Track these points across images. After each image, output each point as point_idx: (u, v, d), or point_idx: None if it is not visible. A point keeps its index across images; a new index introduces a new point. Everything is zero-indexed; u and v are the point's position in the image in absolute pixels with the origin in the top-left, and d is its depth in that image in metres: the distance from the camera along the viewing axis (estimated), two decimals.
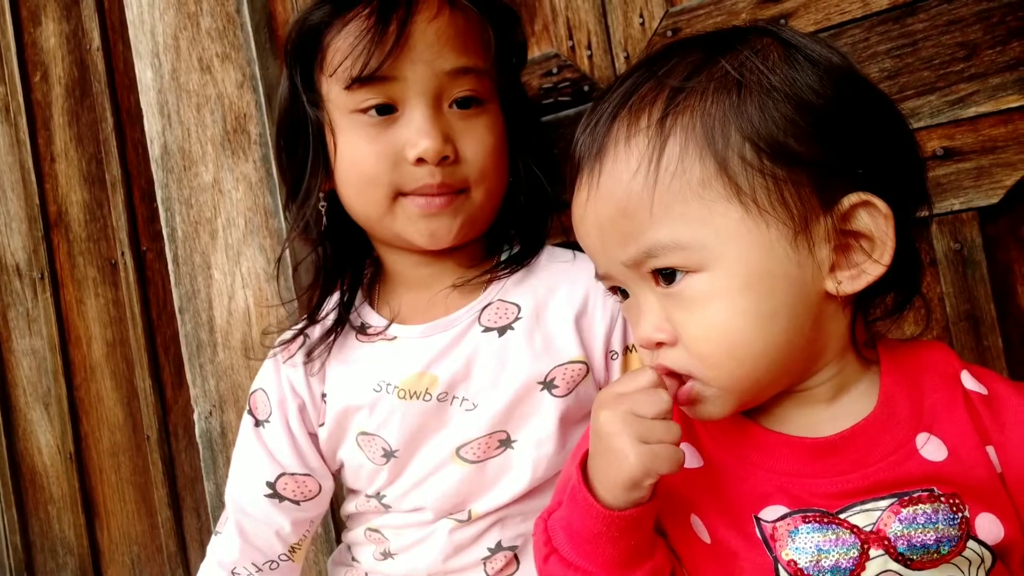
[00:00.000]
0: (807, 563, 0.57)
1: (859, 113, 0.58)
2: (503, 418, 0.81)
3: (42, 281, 1.82)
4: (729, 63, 0.58)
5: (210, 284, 1.34)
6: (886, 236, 0.56)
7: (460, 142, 0.80)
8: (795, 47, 0.59)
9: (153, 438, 1.66)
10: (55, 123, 1.78)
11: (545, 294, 0.84)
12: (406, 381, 0.83)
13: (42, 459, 1.87)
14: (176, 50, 1.35)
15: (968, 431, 0.58)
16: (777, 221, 0.56)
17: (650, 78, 0.60)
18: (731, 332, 0.57)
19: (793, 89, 0.56)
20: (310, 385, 0.88)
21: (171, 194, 1.37)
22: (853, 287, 0.57)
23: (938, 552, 0.55)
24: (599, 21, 1.05)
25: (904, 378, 0.61)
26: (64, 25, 1.74)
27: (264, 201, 1.28)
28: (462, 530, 0.83)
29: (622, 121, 0.59)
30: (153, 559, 1.70)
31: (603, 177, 0.60)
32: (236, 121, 1.31)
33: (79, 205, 1.76)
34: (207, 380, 1.35)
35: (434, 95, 0.79)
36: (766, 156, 0.55)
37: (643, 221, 0.58)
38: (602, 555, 0.59)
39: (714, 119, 0.56)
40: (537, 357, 0.81)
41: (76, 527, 1.82)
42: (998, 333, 0.85)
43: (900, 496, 0.57)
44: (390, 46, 0.77)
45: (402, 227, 0.82)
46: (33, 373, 1.87)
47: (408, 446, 0.83)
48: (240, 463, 0.90)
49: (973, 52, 0.82)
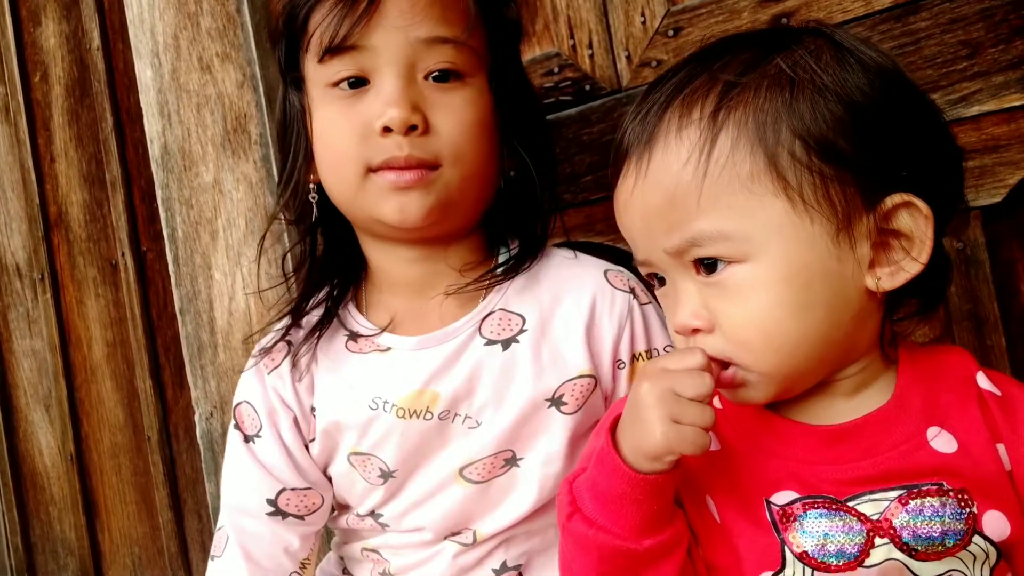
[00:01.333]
0: (813, 547, 0.58)
1: (905, 116, 0.59)
2: (509, 437, 0.78)
3: (42, 282, 1.82)
4: (784, 61, 0.59)
5: (211, 285, 1.34)
6: (925, 236, 0.58)
7: (433, 113, 0.76)
8: (847, 49, 0.60)
9: (154, 439, 1.66)
10: (55, 123, 1.78)
11: (551, 303, 0.81)
12: (405, 399, 0.79)
13: (43, 460, 1.87)
14: (176, 50, 1.35)
15: (979, 428, 0.59)
16: (821, 217, 0.57)
17: (703, 72, 0.61)
18: (769, 321, 0.58)
19: (844, 90, 0.58)
20: (299, 397, 0.83)
21: (171, 194, 1.36)
22: (891, 284, 0.59)
23: (943, 545, 0.57)
24: (600, 20, 1.04)
25: (920, 376, 0.62)
26: (64, 25, 1.74)
27: (265, 201, 1.28)
28: (467, 553, 0.80)
29: (674, 112, 0.61)
30: (154, 561, 1.70)
31: (652, 166, 0.61)
32: (236, 121, 1.30)
33: (79, 205, 1.76)
34: (208, 381, 1.35)
35: (406, 64, 0.75)
36: (815, 153, 0.57)
37: (690, 211, 0.59)
38: (625, 516, 0.60)
39: (766, 115, 0.58)
40: (544, 372, 0.78)
41: (77, 528, 1.82)
42: (1001, 332, 0.85)
43: (909, 488, 0.58)
44: (359, 12, 0.74)
45: (373, 204, 0.77)
46: (34, 374, 1.87)
47: (407, 466, 0.80)
48: (234, 482, 0.85)
49: (976, 51, 0.82)
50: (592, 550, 0.62)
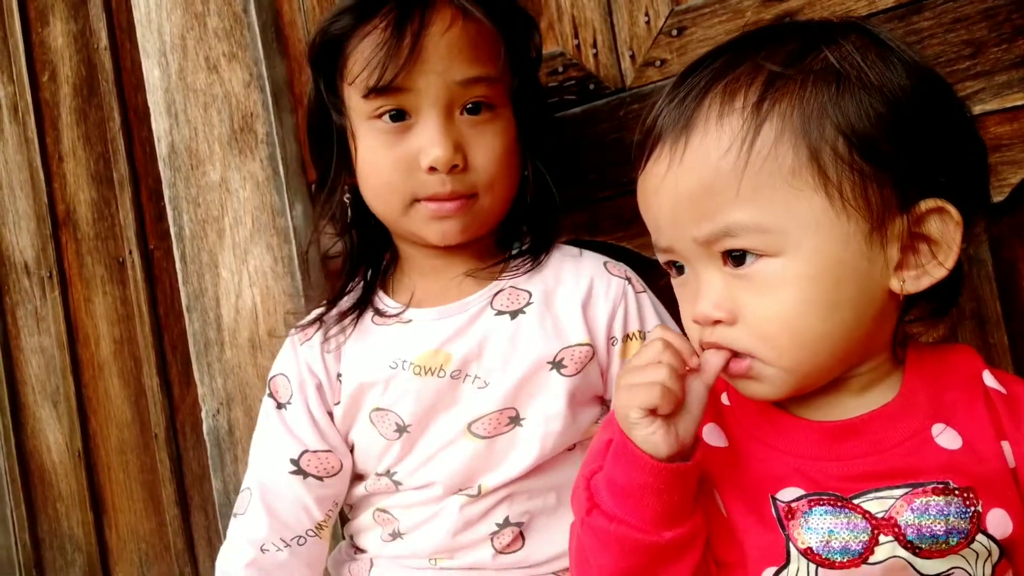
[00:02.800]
0: (817, 543, 0.58)
1: (942, 119, 0.59)
2: (513, 395, 0.84)
3: (50, 280, 1.83)
4: (832, 55, 0.58)
5: (217, 283, 1.35)
6: (954, 242, 0.58)
7: (470, 150, 0.84)
8: (890, 48, 0.60)
9: (161, 436, 1.67)
10: (63, 122, 1.79)
11: (554, 283, 0.89)
12: (421, 358, 0.86)
13: (51, 457, 1.88)
14: (183, 49, 1.36)
15: (984, 425, 0.60)
16: (857, 216, 0.57)
17: (746, 59, 0.60)
18: (797, 318, 0.58)
19: (888, 88, 0.57)
20: (326, 365, 0.91)
21: (178, 193, 1.37)
22: (915, 287, 0.59)
23: (946, 543, 0.57)
24: (604, 20, 1.05)
25: (927, 374, 0.62)
26: (72, 25, 1.75)
27: (271, 200, 1.29)
28: (472, 505, 0.85)
29: (715, 98, 0.60)
30: (161, 557, 1.71)
31: (689, 152, 0.60)
32: (243, 120, 1.31)
33: (87, 204, 1.77)
34: (215, 378, 1.36)
35: (446, 104, 0.83)
36: (856, 151, 0.56)
37: (727, 201, 0.58)
38: (645, 508, 0.60)
39: (812, 109, 0.57)
40: (547, 339, 0.85)
41: (84, 524, 1.83)
42: (1003, 331, 0.85)
43: (914, 486, 0.58)
44: (404, 59, 0.80)
45: (417, 227, 0.87)
46: (42, 371, 1.88)
47: (421, 421, 0.86)
48: (263, 444, 0.93)
49: (979, 50, 0.83)
50: (612, 544, 0.61)
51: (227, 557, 0.90)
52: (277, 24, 1.32)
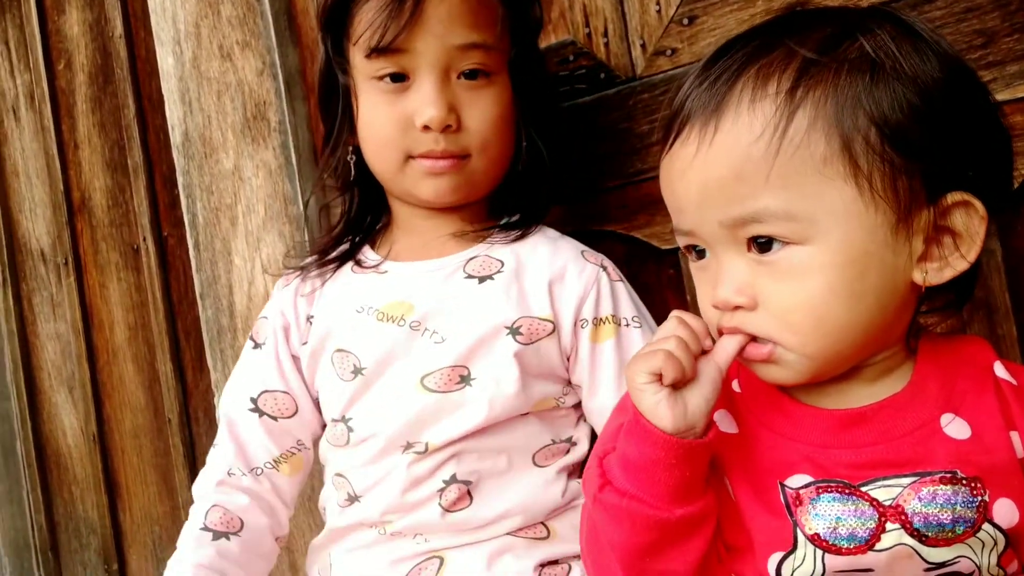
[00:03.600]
0: (825, 530, 0.59)
1: (973, 114, 0.59)
2: (466, 354, 0.87)
3: (66, 266, 1.85)
4: (868, 43, 0.58)
5: (230, 270, 1.36)
6: (977, 235, 0.58)
7: (464, 112, 0.88)
8: (923, 39, 0.59)
9: (174, 421, 1.69)
10: (78, 110, 1.81)
11: (527, 257, 0.91)
12: (386, 305, 0.91)
13: (66, 441, 1.90)
14: (197, 38, 1.37)
15: (994, 414, 0.60)
16: (885, 206, 0.57)
17: (779, 44, 0.59)
18: (821, 306, 0.58)
19: (921, 79, 0.57)
20: (297, 308, 0.97)
21: (192, 181, 1.38)
22: (937, 279, 0.59)
23: (953, 532, 0.57)
24: (616, 8, 1.05)
25: (938, 365, 0.63)
26: (87, 13, 1.76)
27: (283, 188, 1.30)
28: (420, 463, 0.87)
29: (747, 82, 0.59)
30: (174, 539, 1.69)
31: (720, 135, 0.59)
32: (256, 108, 1.32)
33: (102, 191, 1.79)
34: (227, 364, 1.37)
35: (443, 67, 0.87)
36: (888, 142, 0.56)
37: (756, 186, 0.58)
38: (656, 483, 0.60)
39: (846, 98, 0.57)
40: (509, 306, 0.88)
41: (99, 507, 1.85)
42: (1012, 321, 0.85)
43: (922, 475, 0.58)
44: (405, 20, 0.84)
45: (411, 184, 0.90)
46: (57, 357, 1.90)
47: (377, 366, 0.90)
48: (234, 380, 0.99)
49: (991, 40, 0.82)
50: (624, 520, 0.62)
51: (200, 481, 0.96)
52: (290, 12, 1.33)
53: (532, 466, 0.89)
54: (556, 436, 0.90)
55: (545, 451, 0.89)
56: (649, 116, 1.01)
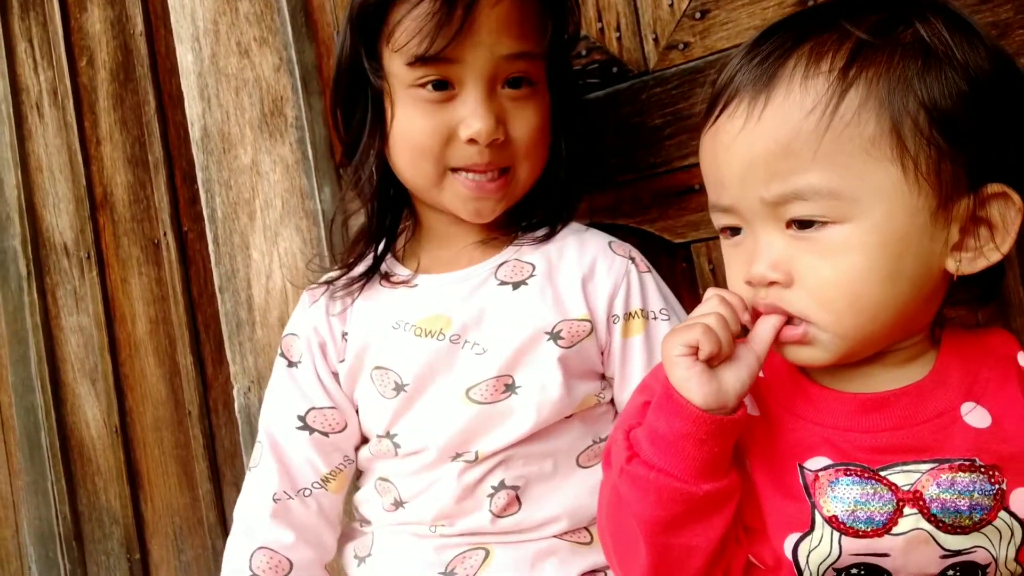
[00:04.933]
0: (843, 512, 0.60)
1: (1018, 109, 0.60)
2: (510, 363, 0.86)
3: (89, 260, 1.87)
4: (924, 29, 0.59)
5: (249, 264, 1.37)
6: (1013, 227, 0.59)
7: (510, 124, 0.85)
8: (975, 31, 0.60)
9: (194, 413, 1.71)
10: (100, 106, 1.83)
11: (557, 258, 0.90)
12: (422, 320, 0.89)
13: (89, 432, 1.93)
14: (215, 34, 1.38)
15: (1016, 404, 0.60)
16: (929, 190, 0.58)
17: (834, 25, 0.60)
18: (859, 284, 0.59)
19: (972, 70, 0.58)
20: (331, 326, 0.95)
21: (211, 176, 1.40)
22: (970, 268, 0.60)
23: (970, 519, 0.58)
24: (628, 3, 1.05)
25: (961, 354, 0.63)
26: (109, 11, 1.78)
27: (300, 183, 1.31)
28: (470, 471, 0.87)
29: (800, 59, 0.60)
30: (195, 530, 1.75)
31: (769, 110, 0.60)
32: (273, 104, 1.33)
33: (124, 186, 1.81)
34: (246, 357, 1.39)
35: (490, 77, 0.84)
36: (936, 127, 0.57)
37: (803, 162, 0.59)
38: (685, 457, 0.61)
39: (898, 80, 0.58)
40: (547, 310, 0.87)
41: (122, 498, 1.87)
42: None
43: (941, 462, 0.59)
44: (455, 30, 0.80)
45: (449, 200, 0.88)
46: (80, 349, 1.92)
47: (419, 382, 0.88)
48: (274, 400, 0.97)
49: (1004, 32, 0.82)
50: (651, 493, 0.62)
51: (245, 508, 0.94)
52: (306, 9, 1.34)
53: (577, 468, 0.89)
54: (597, 436, 0.90)
55: (588, 452, 0.90)
56: (661, 110, 1.01)
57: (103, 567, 1.94)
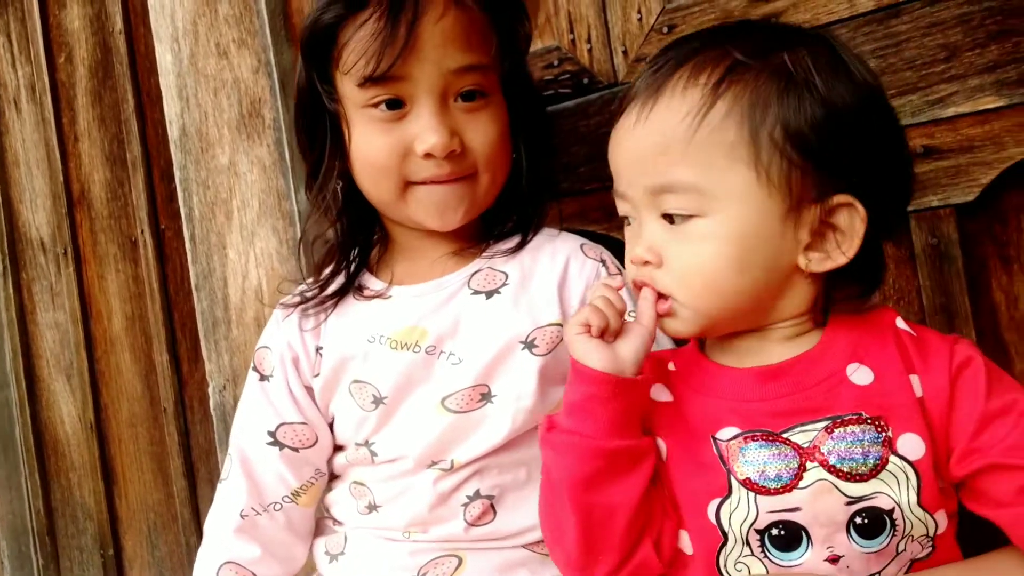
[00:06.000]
0: (754, 474, 0.67)
1: (873, 131, 0.67)
2: (485, 372, 0.88)
3: (65, 256, 1.87)
4: (788, 56, 0.67)
5: (225, 263, 1.39)
6: (856, 234, 0.67)
7: (466, 135, 0.86)
8: (843, 61, 0.68)
9: (170, 410, 1.72)
10: (79, 103, 1.83)
11: (530, 264, 0.92)
12: (398, 333, 0.90)
13: (64, 428, 1.93)
14: (195, 35, 1.39)
15: (894, 360, 0.68)
16: (778, 195, 0.66)
17: (719, 45, 0.69)
18: (711, 270, 0.68)
19: (828, 95, 0.66)
20: (304, 340, 0.95)
21: (189, 175, 1.41)
22: (819, 268, 0.68)
23: (865, 464, 0.65)
24: (599, 16, 1.08)
25: (846, 326, 0.71)
26: (88, 8, 1.78)
27: (277, 184, 1.32)
28: (445, 479, 0.88)
29: (684, 72, 0.69)
30: (168, 526, 1.76)
31: (654, 112, 0.69)
32: (251, 106, 1.34)
33: (101, 183, 1.81)
34: (221, 355, 1.40)
35: (441, 91, 0.85)
36: (789, 141, 0.65)
37: (674, 159, 0.67)
38: (596, 417, 0.69)
39: (760, 97, 0.66)
40: (520, 319, 0.88)
41: (96, 494, 1.88)
42: (972, 326, 0.88)
43: (833, 419, 0.67)
44: (399, 48, 0.82)
45: (414, 212, 0.89)
46: (56, 345, 1.92)
47: (397, 394, 0.90)
48: (245, 414, 0.97)
49: (953, 54, 0.85)
50: (569, 452, 0.70)
51: (214, 522, 0.96)
52: (285, 12, 1.35)
53: None
54: None
55: None
56: None
57: (76, 562, 1.94)
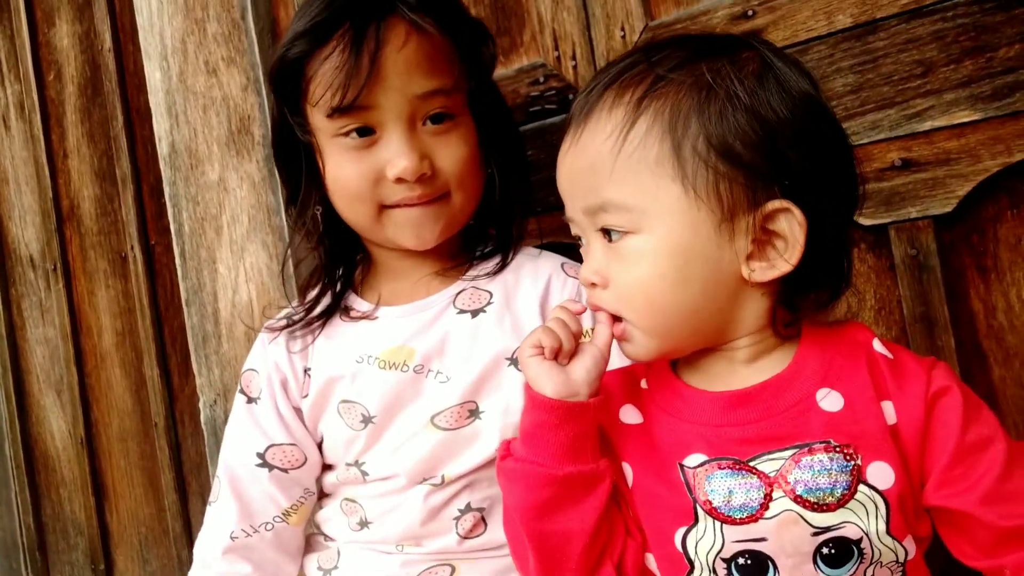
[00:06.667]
0: (720, 502, 0.65)
1: (806, 137, 0.65)
2: (473, 389, 0.89)
3: (55, 272, 1.87)
4: (707, 67, 0.66)
5: (215, 278, 1.39)
6: (797, 241, 0.64)
7: (436, 157, 0.88)
8: (771, 68, 0.67)
9: (160, 425, 1.72)
10: (68, 120, 1.83)
11: (513, 283, 0.94)
12: (386, 353, 0.92)
13: (54, 443, 1.93)
14: (184, 53, 1.40)
15: (866, 386, 0.66)
16: (708, 207, 0.64)
17: (643, 61, 0.69)
18: (651, 287, 0.66)
19: (753, 103, 0.64)
20: (292, 363, 0.96)
21: (178, 191, 1.42)
22: (763, 277, 0.66)
23: (832, 494, 0.63)
24: (583, 33, 1.10)
25: (819, 347, 0.69)
26: (77, 26, 1.79)
27: (267, 199, 1.33)
28: (436, 494, 0.90)
29: (611, 92, 0.68)
30: (160, 541, 1.76)
31: (584, 135, 0.69)
32: (240, 123, 1.35)
33: (91, 200, 1.82)
34: (212, 370, 1.40)
35: (408, 117, 0.86)
36: (714, 152, 0.64)
37: (604, 179, 0.67)
38: (546, 444, 0.69)
39: (680, 110, 0.65)
40: (505, 336, 0.90)
41: (87, 509, 1.88)
42: (951, 334, 0.89)
43: (801, 447, 0.65)
44: (364, 79, 0.83)
45: (391, 233, 0.90)
46: (46, 361, 1.92)
47: (385, 413, 0.91)
48: (233, 436, 0.98)
49: (929, 69, 0.87)
50: (520, 480, 0.70)
51: (204, 544, 0.97)
52: (273, 30, 1.36)
53: None
54: None
55: None
56: None
57: None
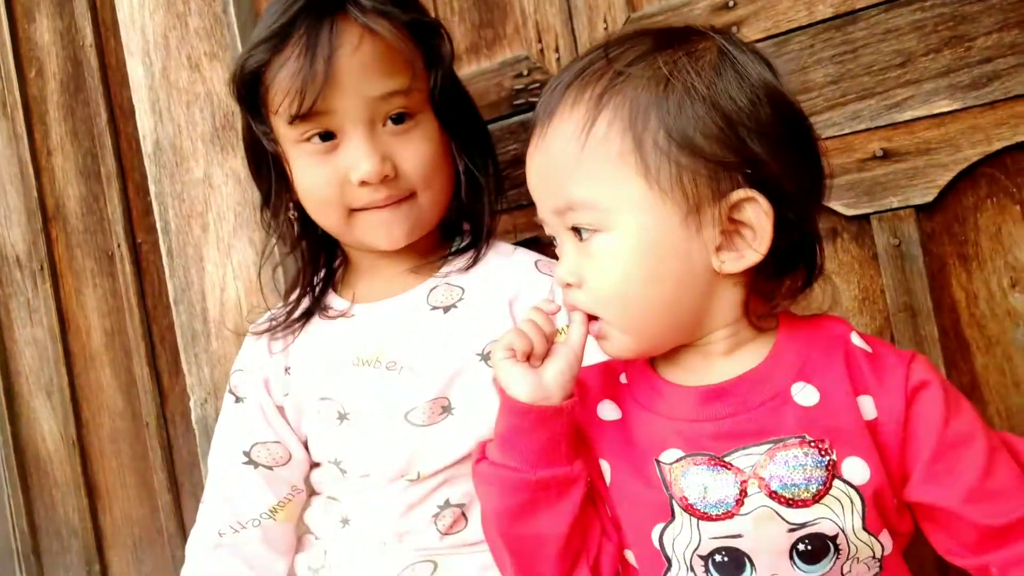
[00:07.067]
0: (696, 498, 0.65)
1: (766, 126, 0.65)
2: (445, 385, 0.90)
3: (42, 272, 1.87)
4: (663, 59, 0.65)
5: (203, 276, 1.39)
6: (764, 229, 0.64)
7: (398, 157, 0.88)
8: (729, 57, 0.66)
9: (152, 424, 1.72)
10: (51, 118, 1.82)
11: (485, 279, 0.94)
12: (360, 350, 0.93)
13: (46, 445, 1.93)
14: (166, 48, 1.39)
15: (842, 380, 0.66)
16: (673, 201, 0.64)
17: (603, 58, 0.68)
18: (623, 285, 0.66)
19: (711, 94, 0.64)
20: (274, 361, 0.98)
21: (164, 188, 1.41)
22: (734, 267, 0.66)
23: (807, 490, 0.63)
24: (566, 25, 1.09)
25: (796, 340, 0.69)
26: (57, 21, 1.78)
27: (252, 196, 1.32)
28: (412, 489, 0.90)
29: (572, 89, 0.68)
30: (154, 541, 1.76)
31: (548, 133, 0.68)
32: (224, 118, 1.35)
33: (76, 198, 1.81)
34: (202, 369, 1.40)
35: (368, 119, 0.87)
36: (675, 145, 0.64)
37: (568, 177, 0.66)
38: (519, 449, 0.69)
39: (640, 105, 0.64)
40: (476, 333, 0.90)
41: (80, 511, 1.87)
42: (934, 323, 0.90)
43: (776, 442, 0.65)
44: (320, 84, 0.83)
45: (362, 235, 0.91)
46: (35, 362, 1.92)
47: (360, 410, 0.92)
48: (221, 435, 1.00)
49: (908, 59, 0.87)
50: (494, 485, 0.70)
51: (194, 541, 0.98)
52: (256, 24, 1.35)
53: None
54: None
55: None
56: None
57: None
